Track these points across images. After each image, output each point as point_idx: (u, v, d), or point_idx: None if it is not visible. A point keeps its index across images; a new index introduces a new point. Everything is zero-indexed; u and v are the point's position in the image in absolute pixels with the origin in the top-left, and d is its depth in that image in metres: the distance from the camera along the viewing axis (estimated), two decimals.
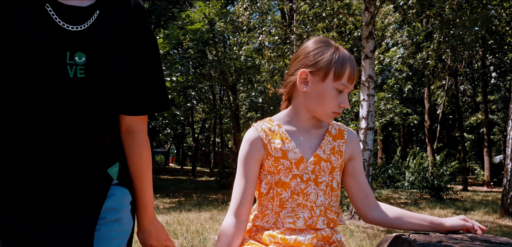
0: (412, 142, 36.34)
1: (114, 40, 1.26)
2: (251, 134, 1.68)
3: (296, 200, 1.61)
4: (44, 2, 1.17)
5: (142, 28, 1.36)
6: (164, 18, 21.77)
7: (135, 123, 1.41)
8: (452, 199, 13.32)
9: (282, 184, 1.62)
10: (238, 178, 1.66)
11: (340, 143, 1.69)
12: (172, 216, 8.08)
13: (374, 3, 8.54)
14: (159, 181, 20.23)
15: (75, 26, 1.19)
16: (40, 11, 1.16)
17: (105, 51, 1.23)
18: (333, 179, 1.65)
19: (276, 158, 1.63)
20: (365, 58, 8.49)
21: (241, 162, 1.66)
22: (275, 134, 1.66)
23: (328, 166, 1.64)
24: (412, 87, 21.50)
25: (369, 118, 8.31)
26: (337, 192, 1.67)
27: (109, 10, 1.28)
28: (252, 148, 1.65)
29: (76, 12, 1.21)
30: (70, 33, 1.18)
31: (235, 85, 21.44)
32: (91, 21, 1.22)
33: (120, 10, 1.31)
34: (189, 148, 49.52)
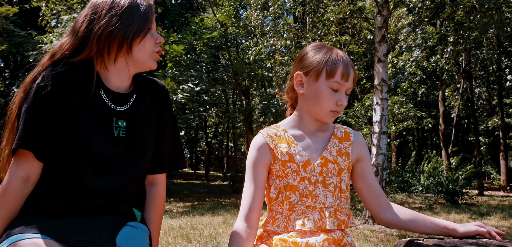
0: (426, 146, 36.02)
1: (146, 113, 1.71)
2: (258, 140, 1.72)
3: (305, 203, 1.62)
4: (99, 88, 1.63)
5: (165, 106, 1.79)
6: (177, 23, 21.91)
7: (157, 178, 1.81)
8: (467, 204, 13.16)
9: (291, 187, 1.64)
10: (247, 184, 1.69)
11: (346, 145, 1.72)
12: (185, 220, 8.10)
13: (387, 7, 8.50)
14: (172, 185, 20.32)
15: (119, 107, 1.65)
16: (97, 95, 1.61)
17: (139, 121, 1.68)
18: (341, 181, 1.67)
19: (283, 161, 1.65)
20: (378, 61, 8.45)
21: (249, 168, 1.70)
22: (281, 138, 1.70)
23: (335, 167, 1.66)
24: (426, 91, 21.34)
25: (382, 122, 8.25)
26: (346, 194, 1.68)
27: (143, 93, 1.74)
28: (259, 153, 1.69)
29: (120, 97, 1.67)
30: (116, 110, 1.64)
31: (248, 89, 21.46)
32: (130, 104, 1.68)
33: (151, 93, 1.76)
34: (202, 153, 49.68)
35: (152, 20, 1.68)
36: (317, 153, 1.67)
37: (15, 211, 1.52)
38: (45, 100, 1.52)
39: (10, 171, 1.51)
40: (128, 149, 1.63)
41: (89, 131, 1.56)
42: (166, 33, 13.99)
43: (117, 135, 1.61)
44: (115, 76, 1.66)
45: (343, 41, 11.42)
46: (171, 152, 1.80)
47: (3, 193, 1.49)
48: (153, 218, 1.76)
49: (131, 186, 1.66)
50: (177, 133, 1.84)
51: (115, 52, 1.61)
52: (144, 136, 1.68)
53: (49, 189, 1.55)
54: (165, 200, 1.85)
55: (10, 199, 1.49)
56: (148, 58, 1.68)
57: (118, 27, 1.58)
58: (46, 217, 1.49)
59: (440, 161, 15.74)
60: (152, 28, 1.68)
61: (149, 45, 1.67)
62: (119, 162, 1.61)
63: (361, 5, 11.61)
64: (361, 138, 1.77)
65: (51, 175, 1.55)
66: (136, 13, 1.63)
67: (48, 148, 1.53)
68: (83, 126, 1.55)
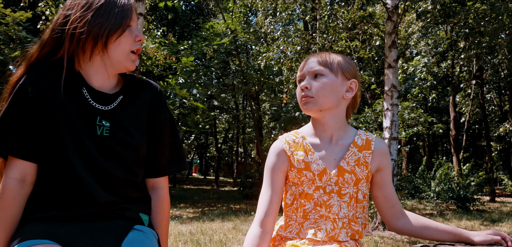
0: (437, 152, 35.80)
1: (134, 115, 1.65)
2: (276, 146, 1.72)
3: (318, 212, 1.62)
4: (82, 87, 1.59)
5: (160, 107, 1.73)
6: (188, 29, 22.01)
7: (158, 182, 1.78)
8: (479, 210, 13.05)
9: (306, 196, 1.64)
10: (264, 188, 1.69)
11: (366, 154, 1.68)
12: (195, 226, 8.12)
13: (396, 12, 8.49)
14: (182, 191, 20.37)
15: (103, 106, 1.60)
16: (79, 94, 1.58)
17: (125, 122, 1.62)
18: (358, 191, 1.64)
19: (299, 169, 1.65)
20: (388, 67, 8.43)
21: (267, 173, 1.70)
22: (299, 146, 1.69)
23: (352, 178, 1.63)
24: (437, 96, 21.22)
25: (393, 128, 8.23)
26: (363, 204, 1.66)
27: (132, 94, 1.69)
28: (277, 159, 1.69)
29: (104, 97, 1.62)
30: (99, 110, 1.59)
31: (258, 95, 21.48)
32: (115, 104, 1.63)
33: (142, 94, 1.71)
34: (212, 158, 49.74)
35: (132, 16, 1.62)
36: (334, 163, 1.65)
37: (16, 213, 1.51)
38: (24, 101, 1.51)
39: (5, 174, 1.51)
40: (113, 150, 1.57)
41: (71, 130, 1.52)
42: (176, 41, 14.07)
43: (99, 133, 1.56)
44: (95, 75, 1.61)
45: (353, 47, 11.41)
46: (170, 155, 1.76)
47: (1, 196, 1.48)
48: (159, 223, 1.74)
49: (129, 188, 1.63)
50: (175, 135, 1.79)
51: (90, 50, 1.57)
52: (131, 137, 1.61)
53: (51, 197, 1.53)
54: (171, 204, 1.81)
55: (9, 201, 1.48)
56: (125, 58, 1.62)
57: (92, 23, 1.54)
58: (52, 223, 1.49)
59: (451, 167, 15.62)
60: (131, 25, 1.62)
61: (126, 43, 1.61)
62: (107, 163, 1.56)
63: (371, 11, 11.60)
64: (384, 147, 1.72)
65: (48, 180, 1.54)
66: (113, 9, 1.57)
67: (32, 148, 1.51)
68: (64, 124, 1.52)
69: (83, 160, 1.53)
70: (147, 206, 1.73)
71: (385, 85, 8.46)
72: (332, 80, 1.66)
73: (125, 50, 1.62)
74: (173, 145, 1.78)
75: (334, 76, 1.66)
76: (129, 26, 1.62)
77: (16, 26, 13.73)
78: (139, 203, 1.68)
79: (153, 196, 1.76)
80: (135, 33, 1.64)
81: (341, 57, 1.72)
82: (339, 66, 1.68)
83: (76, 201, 1.52)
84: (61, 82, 1.57)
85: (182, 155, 1.82)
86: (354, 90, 1.70)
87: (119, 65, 1.64)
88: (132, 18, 1.63)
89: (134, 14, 1.65)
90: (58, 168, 1.52)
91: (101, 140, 1.56)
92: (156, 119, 1.72)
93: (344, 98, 1.69)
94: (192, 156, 44.02)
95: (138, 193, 1.69)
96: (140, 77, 1.80)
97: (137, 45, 1.65)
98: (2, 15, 13.42)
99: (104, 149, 1.56)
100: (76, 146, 1.52)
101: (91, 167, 1.54)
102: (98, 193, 1.53)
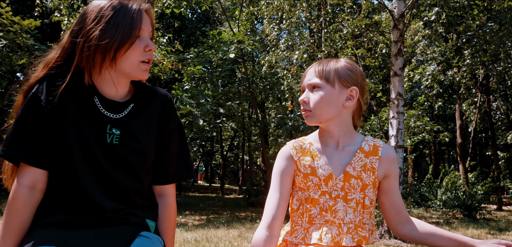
0: (443, 160, 35.64)
1: (145, 123, 1.68)
2: (284, 151, 1.74)
3: (324, 217, 1.62)
4: (93, 96, 1.61)
5: (169, 115, 1.75)
6: (194, 37, 22.10)
7: (165, 189, 1.79)
8: (486, 219, 12.97)
9: (311, 201, 1.65)
10: (271, 192, 1.70)
11: (373, 160, 1.68)
12: (200, 233, 8.13)
13: (402, 21, 8.50)
14: (187, 198, 20.38)
15: (114, 114, 1.63)
16: (90, 102, 1.60)
17: (136, 130, 1.64)
18: (365, 197, 1.65)
19: (305, 174, 1.66)
20: (394, 75, 8.43)
21: (274, 177, 1.71)
22: (306, 151, 1.71)
23: (358, 183, 1.64)
24: (443, 104, 21.16)
25: (398, 136, 8.23)
26: (370, 210, 1.66)
27: (142, 102, 1.71)
28: (284, 164, 1.71)
29: (115, 105, 1.65)
30: (110, 118, 1.61)
31: (263, 103, 21.51)
32: (126, 112, 1.66)
33: (152, 102, 1.73)
34: (218, 166, 49.73)
35: (141, 26, 1.60)
36: (340, 168, 1.66)
37: (26, 220, 1.52)
38: (36, 110, 1.53)
39: (16, 181, 1.52)
40: (121, 158, 1.59)
41: (80, 137, 1.54)
42: (182, 49, 14.12)
43: (109, 141, 1.58)
44: (106, 85, 1.63)
45: (359, 54, 11.43)
46: (178, 162, 1.78)
47: (12, 203, 1.50)
48: (165, 230, 1.75)
49: (136, 196, 1.64)
50: (184, 143, 1.81)
51: (99, 64, 1.57)
52: (140, 145, 1.63)
53: (58, 204, 1.55)
54: (177, 211, 1.83)
55: (19, 208, 1.50)
56: (135, 69, 1.62)
57: (100, 38, 1.53)
58: (59, 228, 1.51)
59: (458, 175, 15.55)
60: (140, 35, 1.61)
61: (135, 56, 1.60)
62: (115, 171, 1.58)
63: (377, 19, 11.63)
64: (391, 154, 1.72)
65: (56, 187, 1.56)
66: (121, 22, 1.56)
67: (43, 155, 1.53)
68: (74, 132, 1.54)
69: (91, 167, 1.55)
70: (154, 213, 1.74)
71: (391, 93, 8.46)
72: (328, 93, 1.66)
73: (135, 62, 1.61)
74: (181, 153, 1.79)
75: (330, 88, 1.66)
76: (139, 36, 1.60)
77: (24, 34, 13.84)
78: (145, 210, 1.69)
79: (160, 203, 1.78)
80: (145, 43, 1.62)
81: (342, 63, 1.71)
82: (336, 75, 1.67)
83: (83, 208, 1.54)
84: (76, 91, 1.59)
85: (190, 163, 1.84)
86: (355, 98, 1.69)
87: (130, 76, 1.65)
88: (142, 27, 1.61)
89: (146, 20, 1.64)
90: (65, 175, 1.54)
91: (111, 148, 1.58)
92: (166, 127, 1.74)
93: (344, 107, 1.68)
94: (197, 163, 44.05)
95: (145, 200, 1.70)
96: (151, 86, 1.81)
97: (147, 55, 1.63)
98: (11, 22, 13.54)
99: (113, 157, 1.58)
100: (85, 153, 1.54)
101: (99, 175, 1.56)
102: (103, 201, 1.54)
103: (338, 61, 1.72)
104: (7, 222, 1.50)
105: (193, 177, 1.87)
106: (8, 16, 13.39)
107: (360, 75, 1.72)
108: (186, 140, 1.84)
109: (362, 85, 1.72)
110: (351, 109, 1.73)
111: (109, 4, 1.59)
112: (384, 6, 9.75)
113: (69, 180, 1.54)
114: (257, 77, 15.58)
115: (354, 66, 1.73)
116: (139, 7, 1.62)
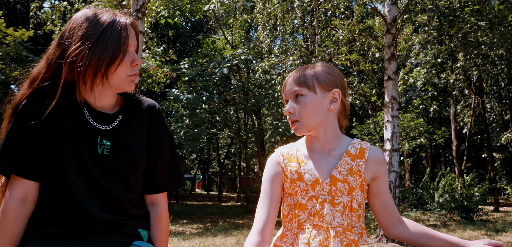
0: (440, 162, 35.70)
1: (134, 133, 1.69)
2: (272, 157, 1.77)
3: (312, 221, 1.63)
4: (83, 108, 1.63)
5: (158, 124, 1.77)
6: (189, 46, 22.11)
7: (157, 198, 1.80)
8: (483, 220, 13.00)
9: (300, 206, 1.66)
10: (261, 198, 1.72)
11: (359, 163, 1.68)
12: (198, 242, 8.12)
13: (395, 25, 8.55)
14: (185, 207, 20.33)
15: (104, 126, 1.64)
16: (80, 115, 1.62)
17: (126, 140, 1.66)
18: (352, 200, 1.65)
19: (292, 180, 1.68)
20: (388, 79, 8.47)
21: (264, 182, 1.73)
22: (293, 157, 1.72)
23: (345, 186, 1.64)
24: (438, 107, 21.22)
25: (393, 140, 8.25)
26: (358, 213, 1.66)
27: (131, 113, 1.73)
28: (272, 170, 1.73)
29: (105, 116, 1.66)
30: (100, 129, 1.63)
31: (259, 110, 21.52)
32: (116, 123, 1.67)
33: (140, 112, 1.75)
34: (215, 174, 49.65)
35: (128, 42, 1.62)
36: (327, 172, 1.66)
37: (18, 231, 1.53)
38: (27, 122, 1.54)
39: (7, 193, 1.53)
40: (113, 168, 1.61)
41: (72, 149, 1.56)
42: (176, 58, 14.12)
43: (100, 152, 1.60)
44: (94, 97, 1.64)
45: (353, 59, 11.47)
46: (168, 171, 1.79)
47: (3, 215, 1.50)
48: (158, 238, 1.76)
49: (128, 205, 1.65)
50: (174, 152, 1.82)
51: (90, 81, 1.57)
52: (131, 155, 1.65)
53: (51, 216, 1.56)
54: (175, 220, 1.84)
55: (10, 220, 1.51)
56: (123, 82, 1.64)
57: (90, 57, 1.54)
58: (52, 240, 1.52)
59: (454, 177, 15.58)
60: (128, 50, 1.62)
61: (123, 71, 1.62)
62: (107, 181, 1.59)
63: (370, 24, 11.68)
64: (379, 155, 1.72)
65: (48, 199, 1.56)
66: (110, 39, 1.57)
67: (34, 167, 1.54)
68: (66, 144, 1.56)
69: (83, 178, 1.56)
70: (146, 222, 1.75)
71: (385, 97, 8.49)
72: (311, 99, 1.67)
73: (123, 76, 1.63)
74: (171, 162, 1.81)
75: (313, 94, 1.67)
76: (127, 52, 1.62)
77: (17, 45, 13.84)
78: (138, 219, 1.70)
79: (153, 212, 1.78)
80: (131, 58, 1.64)
81: (319, 67, 1.73)
82: (315, 80, 1.68)
83: (75, 219, 1.55)
84: (65, 104, 1.60)
85: (181, 171, 1.85)
86: (338, 99, 1.70)
87: (118, 89, 1.67)
88: (129, 43, 1.62)
89: (132, 34, 1.65)
90: (58, 187, 1.55)
91: (102, 159, 1.60)
92: (155, 136, 1.75)
93: (329, 110, 1.69)
94: (195, 171, 43.95)
95: (137, 210, 1.71)
96: (138, 96, 1.83)
97: (134, 70, 1.66)
98: (4, 34, 13.53)
99: (104, 167, 1.60)
100: (77, 165, 1.56)
101: (91, 186, 1.57)
102: (96, 212, 1.55)
103: (314, 66, 1.74)
104: None
105: (184, 185, 1.86)
106: (2, 28, 13.39)
107: (339, 76, 1.74)
108: (176, 149, 1.85)
109: (343, 85, 1.74)
110: (336, 111, 1.74)
111: (96, 18, 1.60)
112: (376, 11, 9.80)
113: (61, 192, 1.54)
114: (252, 84, 15.60)
115: (332, 69, 1.74)
116: (125, 22, 1.63)
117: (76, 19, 1.61)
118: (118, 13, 1.65)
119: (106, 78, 1.59)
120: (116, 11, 1.66)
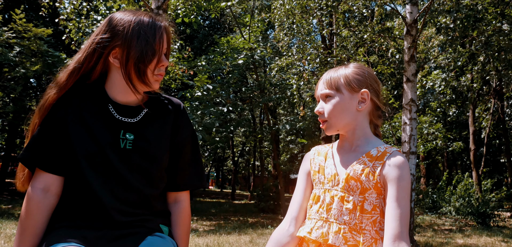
0: (456, 166, 35.31)
1: (158, 129, 1.73)
2: (308, 153, 1.89)
3: (320, 214, 1.68)
4: (107, 103, 1.68)
5: (182, 123, 1.81)
6: (206, 44, 22.17)
7: (180, 195, 1.83)
8: (499, 227, 12.83)
9: (316, 198, 1.73)
10: (295, 190, 1.83)
11: (377, 164, 1.63)
12: (211, 239, 8.13)
13: (415, 27, 8.46)
14: (198, 204, 20.40)
15: (128, 119, 1.69)
16: (105, 110, 1.67)
17: (149, 135, 1.70)
18: (364, 200, 1.61)
19: (314, 172, 1.78)
20: (406, 81, 8.39)
21: (299, 176, 1.85)
22: (323, 153, 1.81)
23: (357, 185, 1.63)
24: (456, 111, 20.99)
25: (411, 142, 8.17)
26: (373, 216, 1.61)
27: (155, 109, 1.77)
28: (304, 164, 1.87)
29: (129, 110, 1.71)
30: (124, 123, 1.68)
31: (275, 109, 21.51)
32: (140, 117, 1.71)
33: (165, 110, 1.79)
34: (229, 171, 49.79)
35: (163, 44, 1.69)
36: (345, 170, 1.69)
37: (40, 221, 1.59)
38: (54, 123, 1.62)
39: (30, 184, 1.61)
40: (135, 162, 1.65)
41: (96, 144, 1.61)
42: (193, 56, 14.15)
43: (123, 147, 1.64)
44: (123, 94, 1.70)
45: (372, 61, 11.39)
46: (190, 171, 1.83)
47: (27, 204, 1.58)
48: (180, 235, 1.79)
49: (151, 201, 1.69)
50: (197, 151, 1.87)
51: (128, 77, 1.64)
52: (154, 150, 1.69)
53: (76, 210, 1.61)
54: (191, 217, 1.88)
55: (33, 209, 1.57)
56: (150, 81, 1.68)
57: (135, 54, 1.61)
58: (78, 229, 1.57)
59: (471, 182, 15.39)
60: (162, 52, 1.69)
61: (154, 70, 1.68)
62: (130, 176, 1.63)
63: (389, 25, 11.58)
64: (396, 160, 1.61)
65: (73, 194, 1.62)
66: (150, 39, 1.64)
67: (57, 162, 1.61)
68: (89, 140, 1.61)
69: (105, 173, 1.61)
70: (167, 218, 1.79)
71: (404, 99, 8.42)
72: (339, 100, 1.70)
73: (152, 75, 1.68)
74: (194, 161, 1.85)
75: (341, 95, 1.70)
76: (162, 54, 1.69)
77: (38, 40, 14.01)
78: (160, 215, 1.74)
79: (175, 209, 1.82)
80: (160, 58, 1.69)
81: (350, 69, 1.75)
82: (345, 81, 1.71)
83: (98, 213, 1.60)
84: (89, 101, 1.67)
85: (202, 172, 1.89)
86: (367, 100, 1.71)
87: (146, 87, 1.71)
88: (165, 45, 1.70)
89: (167, 37, 1.71)
90: (81, 181, 1.61)
91: (125, 153, 1.64)
92: (179, 135, 1.79)
93: (358, 110, 1.71)
94: (208, 169, 44.12)
95: (159, 206, 1.74)
96: (163, 94, 1.87)
97: (160, 70, 1.70)
98: (25, 29, 13.71)
99: (127, 161, 1.64)
100: (101, 160, 1.61)
101: (113, 180, 1.62)
102: (118, 206, 1.61)
103: (347, 67, 1.76)
104: (22, 223, 1.59)
105: (204, 186, 1.92)
106: (22, 23, 13.56)
107: (370, 77, 1.74)
108: (199, 149, 1.90)
109: (373, 86, 1.74)
110: (366, 111, 1.74)
111: (137, 19, 1.66)
112: (397, 12, 9.71)
113: (84, 186, 1.60)
114: (268, 83, 15.59)
115: (363, 69, 1.75)
116: (162, 25, 1.70)
117: (119, 17, 1.66)
118: (155, 16, 1.71)
119: (144, 75, 1.64)
120: (153, 14, 1.71)
